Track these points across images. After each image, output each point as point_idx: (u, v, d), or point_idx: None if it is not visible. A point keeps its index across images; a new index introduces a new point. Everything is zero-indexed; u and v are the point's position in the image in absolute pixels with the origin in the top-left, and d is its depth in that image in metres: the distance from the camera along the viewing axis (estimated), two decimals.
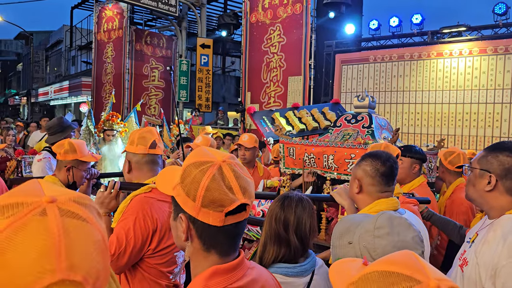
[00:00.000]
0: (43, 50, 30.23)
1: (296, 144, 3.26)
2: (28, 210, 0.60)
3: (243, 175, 1.04)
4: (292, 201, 1.73)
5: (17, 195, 0.63)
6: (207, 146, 3.32)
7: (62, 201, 0.64)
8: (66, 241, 0.60)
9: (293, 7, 9.03)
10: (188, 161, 1.05)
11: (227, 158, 1.05)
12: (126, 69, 12.78)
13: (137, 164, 2.05)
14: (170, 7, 11.54)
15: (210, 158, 1.03)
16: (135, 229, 1.78)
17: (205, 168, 1.01)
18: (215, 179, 0.99)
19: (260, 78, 9.61)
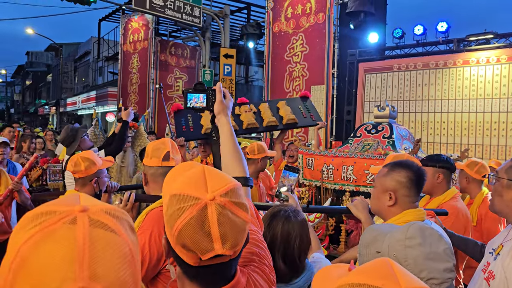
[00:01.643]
0: (72, 61, 31.12)
1: (316, 155, 3.23)
2: (59, 218, 0.62)
3: (233, 218, 0.90)
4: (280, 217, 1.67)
5: (54, 204, 0.65)
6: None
7: (94, 211, 0.64)
8: (91, 250, 0.61)
9: (315, 17, 9.02)
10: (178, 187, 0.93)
11: (220, 194, 0.91)
12: (151, 79, 13.00)
13: (152, 177, 2.05)
14: (194, 18, 11.71)
15: (198, 193, 0.90)
16: (151, 245, 1.76)
17: (185, 207, 0.89)
18: (191, 224, 0.87)
19: (283, 88, 9.61)
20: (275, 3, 9.85)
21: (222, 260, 0.92)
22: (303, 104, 4.57)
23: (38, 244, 0.60)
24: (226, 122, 1.62)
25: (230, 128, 1.60)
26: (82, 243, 0.60)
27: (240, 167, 1.53)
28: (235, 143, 1.60)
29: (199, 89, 1.68)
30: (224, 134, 1.59)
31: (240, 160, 1.55)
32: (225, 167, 1.53)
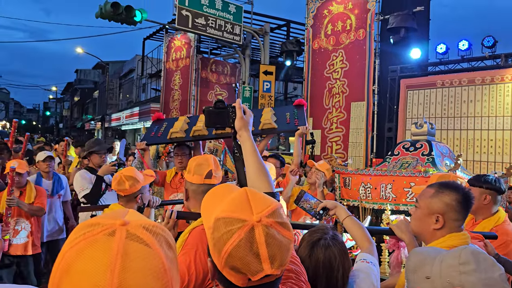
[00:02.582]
0: (117, 78, 32.35)
1: (353, 174, 3.17)
2: (101, 229, 0.69)
3: (279, 238, 0.92)
4: (320, 246, 1.62)
5: (102, 217, 0.72)
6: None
7: (133, 225, 0.70)
8: (123, 261, 0.65)
9: (356, 33, 8.96)
10: (223, 210, 0.95)
11: (266, 215, 0.92)
12: (192, 95, 13.29)
13: (194, 194, 2.03)
14: (234, 36, 11.93)
15: (244, 216, 0.92)
16: (196, 264, 1.74)
17: (233, 230, 0.91)
18: (240, 246, 0.89)
19: (322, 104, 9.55)
20: (315, 20, 9.88)
21: (269, 280, 0.94)
22: (293, 111, 4.34)
23: (81, 251, 0.67)
24: (248, 137, 1.62)
25: (252, 144, 1.60)
26: (115, 253, 0.66)
27: (266, 183, 1.53)
28: (259, 159, 1.59)
29: (220, 107, 1.69)
30: (247, 150, 1.58)
31: (266, 176, 1.55)
32: (251, 184, 1.52)
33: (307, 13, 10.05)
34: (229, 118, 1.67)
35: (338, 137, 9.19)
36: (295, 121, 4.09)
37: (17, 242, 4.19)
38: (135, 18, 9.96)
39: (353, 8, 9.09)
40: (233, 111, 1.65)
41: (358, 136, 8.81)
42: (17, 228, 4.22)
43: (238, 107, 1.64)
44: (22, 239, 4.23)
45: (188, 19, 10.94)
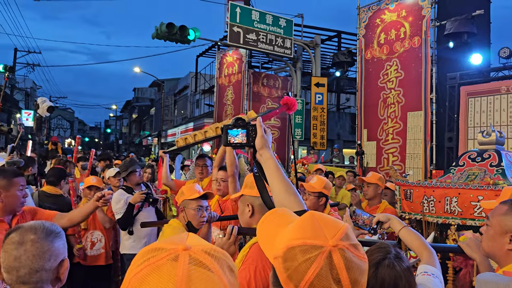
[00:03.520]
0: (172, 95, 33.47)
1: (414, 186, 3.03)
2: (165, 255, 0.71)
3: (356, 261, 0.88)
4: (385, 266, 1.53)
5: (165, 241, 0.75)
6: (322, 187, 3.26)
7: (195, 250, 0.72)
8: (187, 286, 0.68)
9: (410, 41, 8.71)
10: (294, 237, 0.90)
11: (340, 238, 0.88)
12: (244, 110, 13.45)
13: (261, 207, 1.98)
14: (285, 50, 11.98)
15: (321, 242, 0.87)
16: (256, 279, 1.72)
17: (312, 257, 0.85)
18: (322, 274, 0.84)
19: (377, 115, 9.32)
20: (367, 29, 9.72)
21: None
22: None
23: (145, 277, 0.69)
24: (270, 156, 1.57)
25: (275, 162, 1.55)
26: (180, 279, 0.68)
27: (296, 201, 1.46)
28: (284, 176, 1.54)
29: (239, 124, 1.63)
30: (271, 168, 1.54)
31: (294, 193, 1.48)
32: (280, 203, 1.47)
33: (359, 23, 9.91)
34: (249, 137, 1.62)
35: (395, 148, 8.90)
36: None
37: (93, 254, 4.44)
38: (189, 37, 10.28)
39: (407, 16, 8.85)
40: (253, 129, 1.61)
41: (416, 147, 8.48)
42: (93, 240, 4.45)
43: (258, 125, 1.60)
44: (98, 250, 4.48)
45: (240, 35, 11.14)
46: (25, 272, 1.33)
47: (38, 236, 1.36)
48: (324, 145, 12.94)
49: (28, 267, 1.33)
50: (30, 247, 1.34)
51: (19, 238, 1.36)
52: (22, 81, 31.79)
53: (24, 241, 1.35)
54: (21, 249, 1.34)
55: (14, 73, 27.17)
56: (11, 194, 2.45)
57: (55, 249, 1.38)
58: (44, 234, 1.37)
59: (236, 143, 1.63)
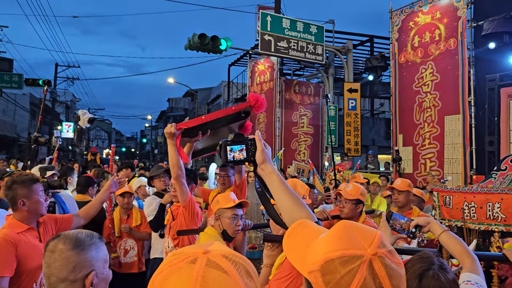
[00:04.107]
0: (205, 104, 33.94)
1: (453, 192, 2.94)
2: (185, 257, 0.75)
3: (396, 268, 0.86)
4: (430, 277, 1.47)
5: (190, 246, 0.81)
6: (359, 194, 3.22)
7: (214, 254, 0.76)
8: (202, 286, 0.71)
9: (446, 43, 8.50)
10: (331, 249, 0.87)
11: (377, 246, 0.86)
12: (276, 117, 13.47)
13: None
14: (317, 56, 11.95)
15: (359, 251, 0.85)
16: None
17: (355, 268, 0.83)
18: (367, 285, 0.83)
19: (413, 119, 9.12)
20: (400, 33, 9.56)
21: None
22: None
23: (166, 278, 0.75)
24: (272, 170, 1.52)
25: (279, 175, 1.52)
26: (195, 279, 0.72)
27: (307, 213, 1.41)
28: (289, 189, 1.51)
29: (237, 140, 1.59)
30: (275, 182, 1.50)
31: (303, 206, 1.44)
32: (290, 217, 1.42)
33: (391, 27, 9.77)
34: (248, 152, 1.58)
35: (432, 154, 8.66)
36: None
37: (127, 261, 4.55)
38: (221, 46, 10.43)
39: (441, 18, 8.65)
40: (252, 143, 1.57)
41: (455, 152, 8.23)
42: (126, 248, 4.57)
43: (258, 139, 1.56)
44: (131, 258, 4.58)
45: (271, 43, 11.20)
46: (54, 280, 1.37)
47: (66, 246, 1.39)
48: (358, 151, 12.75)
49: (56, 275, 1.36)
50: (58, 256, 1.38)
51: (52, 247, 1.40)
52: (63, 95, 33.07)
53: (54, 250, 1.39)
54: (52, 257, 1.38)
55: (55, 87, 28.33)
56: (34, 200, 2.55)
57: (82, 260, 1.39)
58: (71, 245, 1.39)
59: (236, 159, 1.59)
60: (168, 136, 2.96)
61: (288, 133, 13.63)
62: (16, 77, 18.09)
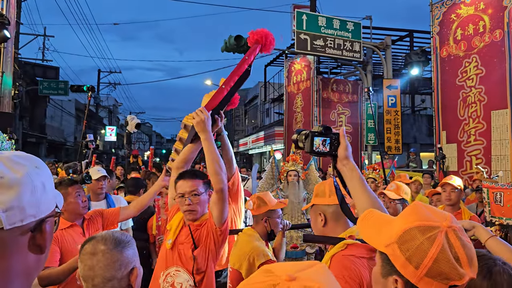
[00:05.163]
0: (243, 105, 34.13)
1: (505, 189, 2.81)
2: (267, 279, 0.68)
3: (468, 243, 0.95)
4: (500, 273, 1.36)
5: (282, 264, 0.74)
6: (403, 193, 3.14)
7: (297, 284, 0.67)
8: None
9: (491, 35, 8.14)
10: (409, 221, 0.97)
11: (451, 222, 0.96)
12: (314, 116, 13.36)
13: (333, 215, 1.92)
14: (354, 53, 11.76)
15: (436, 223, 0.95)
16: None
17: (433, 235, 0.93)
18: (444, 250, 0.91)
19: (456, 115, 8.79)
20: (442, 26, 9.24)
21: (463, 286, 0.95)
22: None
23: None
24: (354, 167, 1.57)
25: (359, 174, 1.56)
26: None
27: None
28: (368, 188, 1.53)
29: (324, 132, 1.64)
30: (356, 180, 1.54)
31: (381, 207, 1.47)
32: None
33: (432, 20, 9.46)
34: (331, 146, 1.63)
35: (478, 150, 8.32)
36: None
37: None
38: None
39: (485, 8, 8.30)
40: (336, 138, 1.63)
41: (503, 148, 7.86)
42: None
43: (342, 135, 1.62)
44: None
45: (307, 42, 11.12)
46: (99, 281, 1.40)
47: (108, 246, 1.43)
48: (399, 149, 12.44)
49: (101, 276, 1.39)
50: (101, 257, 1.41)
51: (91, 249, 1.43)
52: (106, 99, 34.26)
53: (96, 252, 1.42)
54: (94, 259, 1.41)
55: (99, 93, 29.36)
56: (70, 202, 2.74)
57: (125, 258, 1.43)
58: (113, 245, 1.43)
59: (320, 151, 1.64)
60: (200, 126, 2.27)
61: None
62: (62, 84, 18.88)
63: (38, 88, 18.39)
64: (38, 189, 0.86)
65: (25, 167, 0.86)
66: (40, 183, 0.87)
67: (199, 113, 2.28)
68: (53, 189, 0.95)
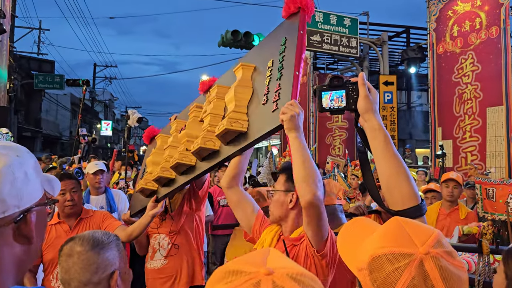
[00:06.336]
0: None
1: (497, 185, 2.84)
2: (245, 280, 0.63)
3: (454, 270, 0.79)
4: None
5: (243, 262, 0.67)
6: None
7: (279, 275, 0.64)
8: None
9: (487, 32, 8.16)
10: (379, 245, 0.82)
11: (431, 246, 0.79)
12: (310, 112, 13.37)
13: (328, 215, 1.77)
14: (351, 49, 11.76)
15: (409, 249, 0.79)
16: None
17: (402, 266, 0.78)
18: (414, 285, 0.77)
19: (452, 112, 8.83)
20: (438, 23, 9.26)
21: None
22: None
23: None
24: (377, 123, 1.22)
25: (385, 132, 1.22)
26: None
27: (409, 187, 1.15)
28: (396, 153, 1.21)
29: (336, 84, 1.32)
30: (379, 140, 1.21)
31: (407, 178, 1.16)
32: (386, 186, 1.19)
33: (429, 17, 9.48)
34: (349, 98, 1.29)
35: (473, 147, 8.37)
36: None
37: None
38: (253, 42, 10.43)
39: (482, 5, 8.31)
40: (353, 88, 1.28)
41: (498, 145, 7.91)
42: None
43: (361, 83, 1.26)
44: None
45: None
46: (75, 285, 1.31)
47: (84, 248, 1.33)
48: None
49: (77, 280, 1.30)
50: (77, 260, 1.32)
51: (68, 250, 1.34)
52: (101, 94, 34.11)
53: (72, 254, 1.33)
54: (70, 261, 1.32)
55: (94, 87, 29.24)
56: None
57: (103, 261, 1.33)
58: (90, 246, 1.33)
59: (334, 108, 1.33)
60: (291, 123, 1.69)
61: (323, 128, 13.51)
62: (58, 78, 18.76)
63: (34, 82, 18.28)
64: (19, 179, 0.82)
65: (5, 156, 0.83)
66: (21, 173, 0.83)
67: (290, 106, 1.69)
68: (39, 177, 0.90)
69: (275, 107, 1.73)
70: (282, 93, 1.76)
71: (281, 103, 1.72)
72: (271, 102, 1.77)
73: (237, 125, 1.83)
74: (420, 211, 1.12)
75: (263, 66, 1.97)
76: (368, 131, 1.23)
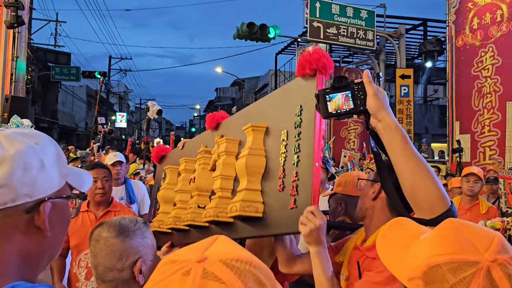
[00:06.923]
0: (253, 93, 34.08)
1: None
2: (176, 269, 0.60)
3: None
4: None
5: (184, 250, 0.64)
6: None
7: (212, 261, 0.59)
8: None
9: (509, 24, 7.98)
10: (436, 252, 0.72)
11: (497, 251, 0.70)
12: None
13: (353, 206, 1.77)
14: (367, 42, 11.63)
15: (473, 256, 0.70)
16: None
17: (468, 277, 0.68)
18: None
19: (471, 106, 8.68)
20: (458, 15, 9.08)
21: None
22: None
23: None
24: (393, 121, 1.14)
25: (402, 130, 1.13)
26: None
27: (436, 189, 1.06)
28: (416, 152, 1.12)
29: (339, 86, 1.21)
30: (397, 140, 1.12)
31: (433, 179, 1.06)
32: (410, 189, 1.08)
33: (448, 9, 9.30)
34: (355, 100, 1.19)
35: (492, 142, 8.22)
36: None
37: None
38: (269, 35, 10.39)
39: None
40: (359, 88, 1.19)
41: None
42: None
43: (367, 81, 1.18)
44: None
45: (320, 30, 11.01)
46: (101, 270, 1.32)
47: (110, 234, 1.33)
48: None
49: (103, 265, 1.32)
50: (102, 245, 1.33)
51: (96, 236, 1.36)
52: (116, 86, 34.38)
53: (99, 239, 1.34)
54: (97, 246, 1.34)
55: (109, 79, 29.47)
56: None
57: (126, 248, 1.32)
58: (116, 233, 1.33)
59: (340, 111, 1.22)
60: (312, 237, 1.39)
61: (337, 121, 13.41)
62: (74, 70, 18.95)
63: (50, 74, 18.48)
64: (34, 166, 0.78)
65: (21, 143, 0.78)
66: (37, 161, 0.79)
67: (311, 216, 1.36)
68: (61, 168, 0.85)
69: (293, 205, 1.51)
70: (300, 188, 1.50)
71: (299, 203, 1.48)
72: (288, 194, 1.54)
73: (251, 209, 1.65)
74: (452, 216, 1.02)
75: (276, 129, 1.73)
76: (383, 132, 1.15)
